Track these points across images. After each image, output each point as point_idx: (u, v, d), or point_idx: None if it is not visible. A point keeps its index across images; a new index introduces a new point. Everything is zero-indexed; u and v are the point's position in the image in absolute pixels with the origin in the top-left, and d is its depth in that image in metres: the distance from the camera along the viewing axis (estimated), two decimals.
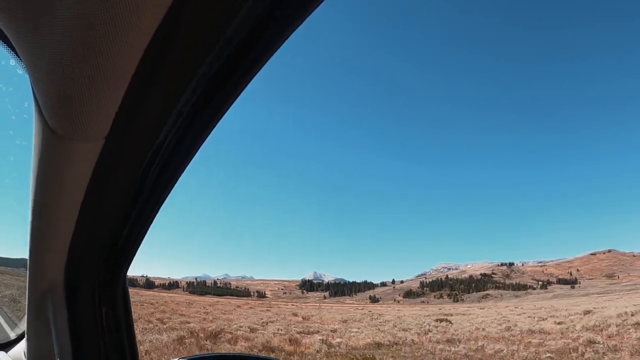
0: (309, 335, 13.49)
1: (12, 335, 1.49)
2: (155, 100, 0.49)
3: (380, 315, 29.12)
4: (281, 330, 14.81)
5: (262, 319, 22.01)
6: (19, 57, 0.45)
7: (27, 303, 1.00)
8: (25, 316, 1.07)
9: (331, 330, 15.60)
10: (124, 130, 0.51)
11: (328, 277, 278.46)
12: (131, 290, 1.04)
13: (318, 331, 14.95)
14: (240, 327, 15.10)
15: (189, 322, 15.66)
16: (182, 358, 1.21)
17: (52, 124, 0.48)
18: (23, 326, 1.21)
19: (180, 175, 0.66)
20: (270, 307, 42.63)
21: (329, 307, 51.65)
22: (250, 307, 38.37)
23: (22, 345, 1.25)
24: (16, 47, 0.43)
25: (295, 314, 27.97)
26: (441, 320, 20.20)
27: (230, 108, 0.54)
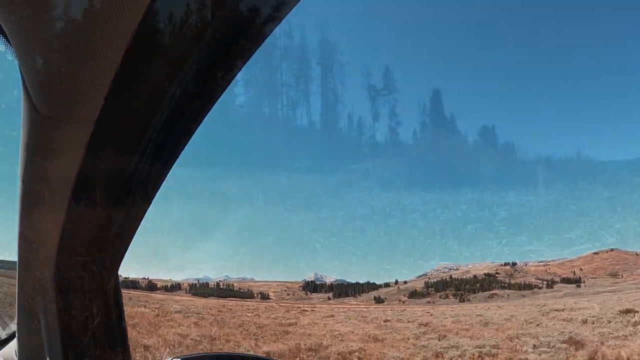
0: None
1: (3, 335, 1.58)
2: (146, 84, 0.49)
3: (478, 316, 24.90)
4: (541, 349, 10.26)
5: (394, 330, 17.53)
6: (8, 41, 0.44)
7: (17, 301, 0.99)
8: (16, 314, 1.06)
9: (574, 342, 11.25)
10: (114, 113, 0.50)
11: (329, 278, 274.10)
12: (139, 294, 0.63)
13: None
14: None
15: (354, 352, 11.20)
16: (182, 356, 1.20)
17: (41, 107, 0.48)
18: (14, 325, 1.18)
19: (173, 163, 0.64)
20: (314, 309, 38.13)
21: (374, 309, 47.55)
22: (302, 312, 33.98)
23: (13, 345, 1.21)
24: (5, 30, 0.43)
25: (386, 320, 23.57)
26: (626, 312, 16.04)
27: (224, 96, 0.53)
